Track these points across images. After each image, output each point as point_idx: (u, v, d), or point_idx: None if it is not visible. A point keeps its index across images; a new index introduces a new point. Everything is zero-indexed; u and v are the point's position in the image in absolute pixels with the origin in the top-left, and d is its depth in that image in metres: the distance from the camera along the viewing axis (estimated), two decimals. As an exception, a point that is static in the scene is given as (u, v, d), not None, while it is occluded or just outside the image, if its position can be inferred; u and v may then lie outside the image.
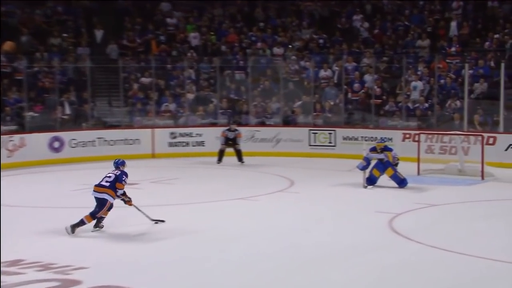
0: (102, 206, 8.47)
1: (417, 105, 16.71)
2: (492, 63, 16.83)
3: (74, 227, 8.33)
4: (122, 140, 16.45)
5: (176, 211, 9.86)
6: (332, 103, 17.77)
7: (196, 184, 12.57)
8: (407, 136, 15.62)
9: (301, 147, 16.93)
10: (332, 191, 11.86)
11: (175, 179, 13.09)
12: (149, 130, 16.92)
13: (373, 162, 12.04)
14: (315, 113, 17.61)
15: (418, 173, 13.41)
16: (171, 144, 16.96)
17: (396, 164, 12.17)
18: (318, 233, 8.40)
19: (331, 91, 17.90)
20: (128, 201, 8.72)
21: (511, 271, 6.75)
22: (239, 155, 15.45)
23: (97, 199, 8.52)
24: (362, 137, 16.32)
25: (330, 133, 16.89)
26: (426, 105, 16.63)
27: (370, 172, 11.99)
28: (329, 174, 14.15)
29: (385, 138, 12.84)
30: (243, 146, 15.78)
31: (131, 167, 9.27)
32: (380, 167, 12.02)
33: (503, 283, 6.41)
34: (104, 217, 8.59)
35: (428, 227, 8.74)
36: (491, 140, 14.47)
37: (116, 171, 8.69)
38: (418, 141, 13.93)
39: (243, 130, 16.10)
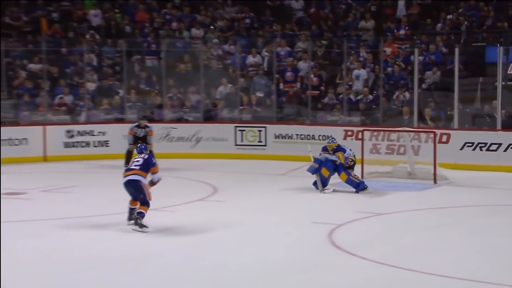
0: (140, 190, 9.27)
1: (360, 97, 17.08)
2: (445, 49, 17.44)
3: (136, 223, 9.11)
4: (5, 140, 15.86)
5: (73, 226, 9.64)
6: (261, 95, 17.91)
7: (98, 193, 12.32)
8: (349, 133, 15.94)
9: (226, 147, 17.00)
10: (263, 199, 11.92)
11: (72, 187, 12.82)
12: (39, 127, 16.51)
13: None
14: (241, 107, 17.70)
15: (362, 177, 13.66)
16: (67, 145, 16.60)
17: (352, 166, 12.51)
18: (247, 250, 8.41)
19: (260, 80, 18.03)
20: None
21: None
22: (151, 157, 15.38)
23: (130, 184, 9.31)
24: (297, 135, 16.56)
25: (259, 131, 17.02)
26: (371, 97, 17.01)
27: (319, 172, 12.33)
28: (259, 178, 14.22)
29: (333, 138, 12.95)
30: (156, 146, 15.62)
31: (17, 173, 9.02)
32: (330, 167, 12.33)
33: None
34: (135, 208, 9.31)
35: (373, 240, 8.88)
36: (444, 138, 14.99)
37: (143, 155, 9.50)
38: (362, 139, 14.12)
39: (155, 127, 15.93)
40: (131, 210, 9.48)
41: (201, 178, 13.84)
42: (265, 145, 16.97)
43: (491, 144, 14.84)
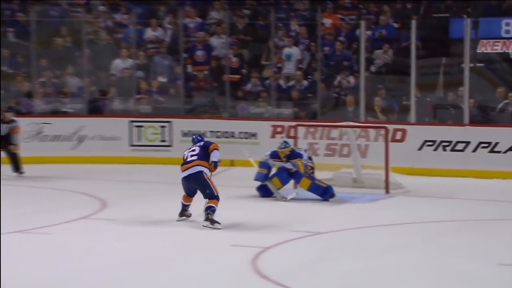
0: (204, 182, 10.64)
1: (292, 83, 17.22)
2: (398, 22, 17.75)
3: (207, 218, 10.57)
4: None
5: None
6: (164, 80, 17.78)
7: None
8: (278, 129, 16.12)
9: (118, 148, 16.89)
10: (167, 216, 11.83)
11: None
12: None
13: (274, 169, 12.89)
14: (138, 96, 17.56)
15: (295, 186, 13.77)
16: None
17: (311, 173, 12.86)
18: (148, 285, 8.33)
19: (162, 61, 17.92)
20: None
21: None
22: (15, 161, 15.15)
23: (191, 178, 10.67)
24: (211, 132, 16.57)
25: (163, 127, 17.02)
26: (306, 83, 17.18)
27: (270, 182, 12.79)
28: (162, 189, 14.10)
29: (286, 142, 13.16)
30: (24, 147, 15.32)
31: None
32: (284, 178, 12.82)
33: None
34: (189, 205, 11.00)
35: (307, 267, 8.83)
36: (398, 135, 15.33)
37: (198, 143, 10.93)
38: (295, 137, 14.23)
39: (23, 123, 15.63)
40: (184, 207, 11.06)
41: (85, 190, 13.63)
42: (170, 146, 16.94)
43: (457, 142, 15.23)
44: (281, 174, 12.78)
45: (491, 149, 15.01)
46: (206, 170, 10.72)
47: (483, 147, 15.11)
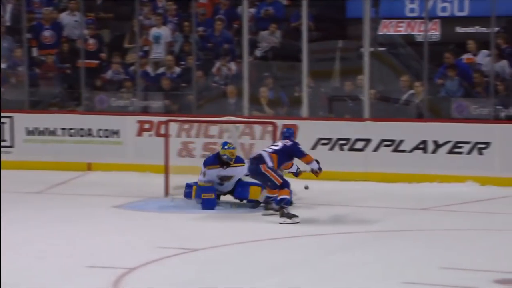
0: (264, 176, 12.00)
1: (162, 70, 17.22)
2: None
3: (283, 214, 11.94)
4: None
5: None
6: (4, 66, 17.48)
7: None
8: (146, 126, 16.12)
9: None
10: (8, 232, 11.62)
11: None
12: None
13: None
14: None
15: (167, 193, 13.85)
16: None
17: None
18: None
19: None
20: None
21: None
22: None
23: (250, 171, 12.33)
24: (63, 129, 16.45)
25: (2, 123, 16.79)
26: (178, 70, 17.20)
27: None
28: (4, 199, 13.87)
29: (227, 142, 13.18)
30: None
31: None
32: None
33: None
34: (272, 197, 12.16)
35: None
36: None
37: (285, 141, 12.22)
38: (166, 136, 14.27)
39: None
40: (267, 199, 12.34)
41: None
42: (11, 146, 16.72)
43: (356, 140, 15.58)
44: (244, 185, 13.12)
45: (394, 148, 15.35)
46: (269, 162, 11.95)
47: (385, 146, 15.47)
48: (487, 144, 15.00)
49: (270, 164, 11.95)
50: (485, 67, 15.78)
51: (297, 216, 11.84)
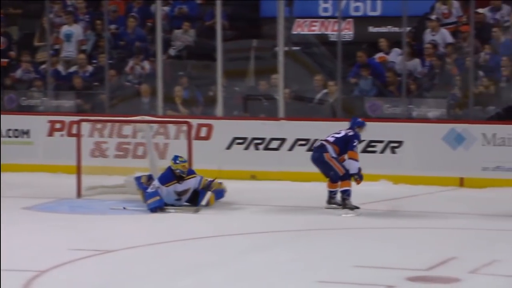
0: (326, 165, 12.49)
1: (73, 69, 17.04)
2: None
3: (345, 205, 12.51)
4: None
5: None
6: None
7: None
8: (57, 126, 15.94)
9: None
10: None
11: None
12: None
13: None
14: None
15: (79, 194, 13.70)
16: None
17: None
18: None
19: None
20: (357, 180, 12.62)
21: None
22: None
23: (313, 159, 12.83)
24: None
25: None
26: (91, 68, 17.05)
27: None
28: None
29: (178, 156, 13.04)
30: None
31: None
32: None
33: None
34: (333, 191, 12.67)
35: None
36: (203, 132, 15.54)
37: (349, 131, 12.63)
38: (78, 136, 14.07)
39: None
40: (330, 193, 12.71)
41: None
42: None
43: (271, 139, 15.59)
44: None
45: (309, 147, 15.33)
46: (331, 152, 12.43)
47: (300, 145, 15.47)
48: (400, 143, 15.11)
49: (333, 153, 12.47)
50: (397, 66, 15.88)
51: (359, 208, 12.48)
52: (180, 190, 12.96)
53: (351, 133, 12.67)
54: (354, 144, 12.60)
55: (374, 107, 15.84)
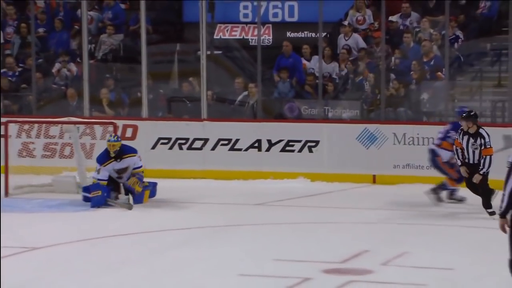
0: (441, 170, 12.73)
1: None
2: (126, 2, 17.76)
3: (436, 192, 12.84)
4: None
5: None
6: None
7: None
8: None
9: None
10: None
11: None
12: None
13: None
14: None
15: (6, 194, 13.56)
16: None
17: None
18: None
19: None
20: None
21: None
22: None
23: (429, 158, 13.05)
24: None
25: None
26: (18, 71, 16.82)
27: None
28: None
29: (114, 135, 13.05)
30: None
31: None
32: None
33: None
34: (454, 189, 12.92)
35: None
36: (129, 132, 15.45)
37: (448, 126, 12.82)
38: (6, 136, 13.97)
39: None
40: (451, 190, 12.98)
41: None
42: None
43: (195, 139, 15.57)
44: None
45: (231, 147, 15.41)
46: (442, 154, 12.63)
47: (222, 145, 15.50)
48: (317, 142, 15.20)
49: (445, 158, 12.63)
50: (315, 69, 15.95)
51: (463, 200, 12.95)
52: (118, 168, 12.92)
53: (448, 126, 12.95)
54: (449, 135, 12.68)
55: (292, 109, 15.92)
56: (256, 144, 15.47)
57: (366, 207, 13.08)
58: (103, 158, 12.86)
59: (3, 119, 14.45)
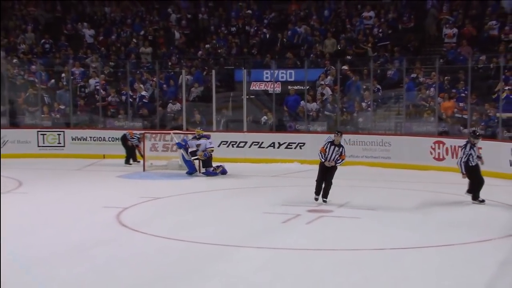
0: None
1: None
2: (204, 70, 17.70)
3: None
4: None
5: None
6: (63, 107, 16.92)
7: None
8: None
9: (30, 149, 15.96)
10: (62, 190, 11.37)
11: None
12: None
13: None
14: (43, 115, 16.69)
15: (144, 170, 13.70)
16: None
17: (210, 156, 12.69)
18: (45, 234, 7.94)
19: (65, 94, 17.13)
20: None
21: (223, 253, 7.07)
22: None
23: None
24: (90, 137, 16.05)
25: (59, 134, 16.15)
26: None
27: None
28: (58, 173, 13.53)
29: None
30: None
31: None
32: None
33: (216, 264, 6.61)
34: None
35: (152, 219, 8.79)
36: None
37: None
38: (143, 140, 14.24)
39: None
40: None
41: (7, 174, 12.20)
42: (63, 146, 16.18)
43: (240, 142, 15.41)
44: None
45: (259, 146, 15.21)
46: None
47: (254, 145, 15.23)
48: (304, 143, 14.87)
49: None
50: (302, 104, 15.74)
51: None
52: (196, 143, 12.88)
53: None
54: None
55: (291, 126, 15.72)
56: (272, 144, 15.26)
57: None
58: (191, 138, 13.01)
59: (143, 131, 14.75)
